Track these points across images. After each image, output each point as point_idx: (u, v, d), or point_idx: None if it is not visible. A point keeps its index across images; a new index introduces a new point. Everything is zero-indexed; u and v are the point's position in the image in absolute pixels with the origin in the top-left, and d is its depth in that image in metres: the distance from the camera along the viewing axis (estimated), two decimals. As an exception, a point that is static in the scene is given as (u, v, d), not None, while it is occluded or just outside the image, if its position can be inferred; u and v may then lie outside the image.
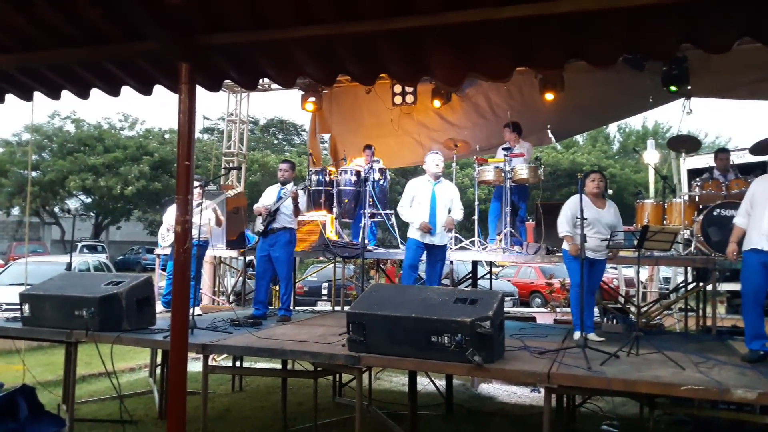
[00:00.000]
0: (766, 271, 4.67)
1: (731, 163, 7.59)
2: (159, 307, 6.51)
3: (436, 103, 9.53)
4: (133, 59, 4.30)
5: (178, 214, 3.75)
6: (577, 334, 5.36)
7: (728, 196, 6.89)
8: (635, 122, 36.10)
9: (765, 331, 4.72)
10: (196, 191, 6.71)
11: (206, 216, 6.95)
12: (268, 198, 6.75)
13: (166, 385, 5.67)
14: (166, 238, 7.05)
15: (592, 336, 5.36)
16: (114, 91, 4.68)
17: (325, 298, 14.20)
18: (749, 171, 7.40)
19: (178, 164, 3.79)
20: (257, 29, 3.80)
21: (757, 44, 3.50)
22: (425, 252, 6.59)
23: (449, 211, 6.59)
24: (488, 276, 10.39)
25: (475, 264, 8.48)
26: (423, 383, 6.95)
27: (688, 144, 7.89)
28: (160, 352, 6.98)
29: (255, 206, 6.82)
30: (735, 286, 10.45)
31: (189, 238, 3.71)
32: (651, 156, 15.27)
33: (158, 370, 7.03)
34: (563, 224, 5.57)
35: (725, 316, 9.36)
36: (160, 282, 8.32)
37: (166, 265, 7.48)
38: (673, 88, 8.24)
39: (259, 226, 6.61)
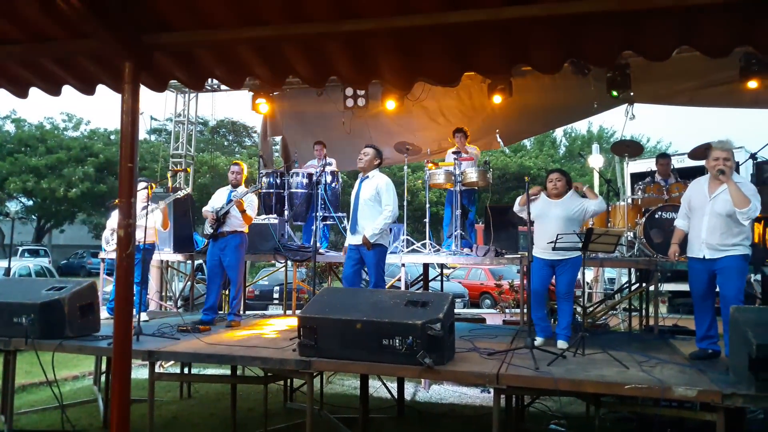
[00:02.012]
0: (709, 278, 4.79)
1: (672, 167, 7.87)
2: (104, 313, 6.32)
3: (389, 106, 9.55)
4: (75, 58, 4.17)
5: (120, 218, 3.65)
6: (539, 340, 5.25)
7: (669, 200, 7.15)
8: (581, 127, 37.16)
9: (714, 332, 4.85)
10: (144, 193, 6.55)
11: (153, 219, 6.79)
12: (217, 200, 6.65)
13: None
14: (110, 242, 6.87)
15: (561, 343, 5.16)
16: (54, 91, 4.53)
17: (276, 302, 14.07)
18: (689, 175, 7.67)
19: (120, 166, 3.70)
20: (203, 29, 3.74)
21: (695, 53, 3.63)
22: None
23: (377, 205, 6.13)
24: (439, 278, 10.50)
25: (426, 266, 8.54)
26: (375, 386, 6.94)
27: (630, 148, 8.12)
28: (105, 359, 6.78)
29: (204, 209, 6.71)
30: (676, 287, 10.84)
31: (132, 243, 3.61)
32: (596, 160, 15.71)
33: (103, 378, 6.82)
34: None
35: (667, 315, 9.69)
36: (105, 287, 8.07)
37: (113, 270, 7.27)
38: (614, 93, 8.49)
39: (207, 228, 6.50)
